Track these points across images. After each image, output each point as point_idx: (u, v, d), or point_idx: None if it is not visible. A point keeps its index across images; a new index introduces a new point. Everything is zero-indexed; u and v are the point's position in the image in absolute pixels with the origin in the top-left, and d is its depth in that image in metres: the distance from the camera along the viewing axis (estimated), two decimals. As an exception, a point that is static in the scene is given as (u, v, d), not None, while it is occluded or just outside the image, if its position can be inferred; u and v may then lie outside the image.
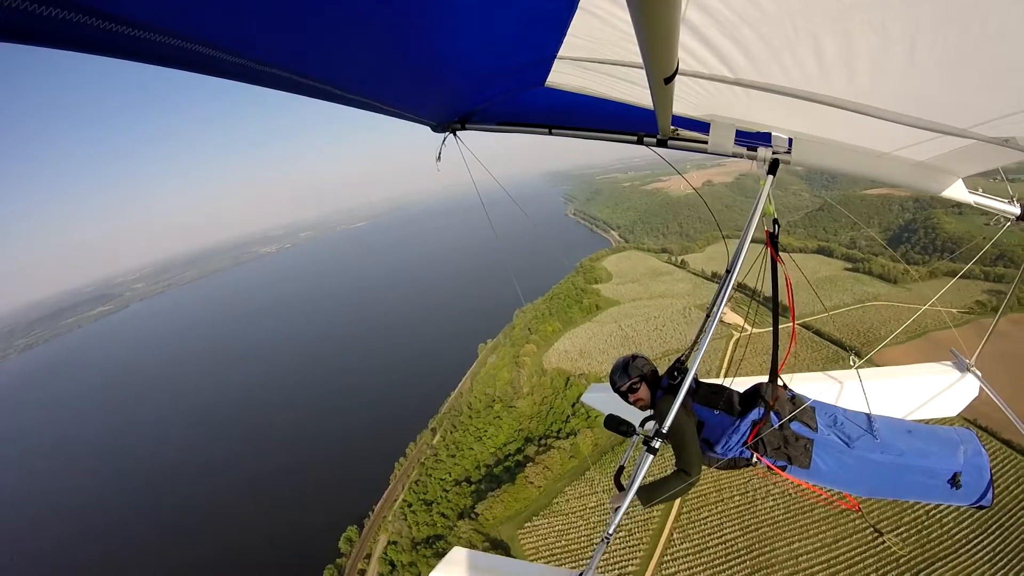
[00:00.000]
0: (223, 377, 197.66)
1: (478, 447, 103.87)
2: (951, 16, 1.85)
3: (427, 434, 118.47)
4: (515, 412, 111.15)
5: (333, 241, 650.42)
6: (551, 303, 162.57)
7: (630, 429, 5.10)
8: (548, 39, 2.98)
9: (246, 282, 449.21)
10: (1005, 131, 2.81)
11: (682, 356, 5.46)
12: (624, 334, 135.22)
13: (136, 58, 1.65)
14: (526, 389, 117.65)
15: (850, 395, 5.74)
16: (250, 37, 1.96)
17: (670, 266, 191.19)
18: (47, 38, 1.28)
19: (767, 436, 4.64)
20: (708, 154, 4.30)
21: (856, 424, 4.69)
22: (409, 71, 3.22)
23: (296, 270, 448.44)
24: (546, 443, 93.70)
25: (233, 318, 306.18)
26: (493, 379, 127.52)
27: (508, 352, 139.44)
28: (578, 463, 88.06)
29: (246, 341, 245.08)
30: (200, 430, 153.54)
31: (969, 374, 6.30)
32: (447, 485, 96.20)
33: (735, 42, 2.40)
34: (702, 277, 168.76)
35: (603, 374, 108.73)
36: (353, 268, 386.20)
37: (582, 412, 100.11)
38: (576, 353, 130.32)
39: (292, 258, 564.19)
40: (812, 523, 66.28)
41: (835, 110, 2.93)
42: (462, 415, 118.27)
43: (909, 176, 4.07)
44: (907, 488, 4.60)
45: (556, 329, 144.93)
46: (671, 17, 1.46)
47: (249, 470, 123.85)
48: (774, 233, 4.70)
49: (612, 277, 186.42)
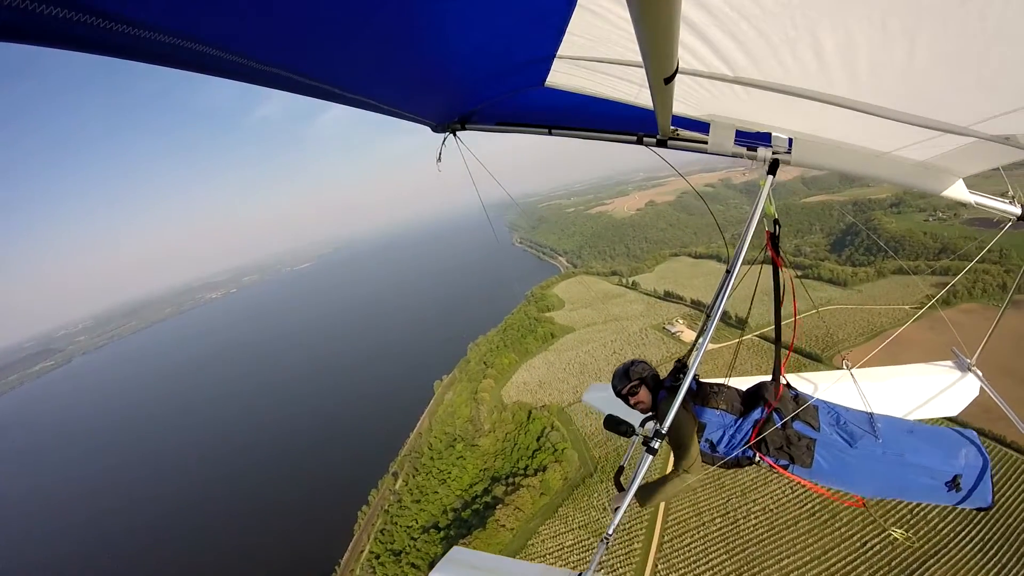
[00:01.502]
0: (170, 431, 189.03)
1: (443, 490, 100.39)
2: (951, 12, 1.85)
3: (389, 479, 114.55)
4: (478, 451, 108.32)
5: (278, 284, 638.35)
6: (505, 334, 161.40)
7: (630, 429, 5.03)
8: (547, 38, 2.97)
9: (191, 330, 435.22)
10: (1005, 129, 2.83)
11: (682, 358, 5.47)
12: (582, 361, 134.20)
13: (136, 58, 1.66)
14: (487, 426, 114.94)
15: (850, 396, 5.46)
16: (250, 37, 1.97)
17: (622, 288, 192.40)
18: (47, 38, 1.28)
19: (769, 435, 4.64)
20: (708, 154, 4.22)
21: (858, 424, 4.66)
22: (409, 71, 3.24)
23: (241, 316, 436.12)
24: (514, 482, 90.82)
25: (178, 369, 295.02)
26: (452, 417, 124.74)
27: (465, 388, 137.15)
28: (549, 500, 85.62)
29: (192, 392, 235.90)
30: (148, 488, 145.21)
31: (970, 374, 6.30)
32: (414, 533, 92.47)
33: (734, 39, 2.40)
34: (655, 297, 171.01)
35: (564, 404, 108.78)
36: (299, 311, 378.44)
37: (548, 446, 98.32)
38: (535, 384, 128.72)
39: (237, 303, 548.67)
40: (798, 537, 65.26)
41: (835, 109, 2.93)
42: (423, 457, 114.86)
43: (909, 176, 4.04)
44: (908, 488, 4.56)
45: (512, 361, 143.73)
46: (671, 16, 1.46)
47: (203, 531, 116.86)
48: (775, 234, 4.79)
49: (564, 304, 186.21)
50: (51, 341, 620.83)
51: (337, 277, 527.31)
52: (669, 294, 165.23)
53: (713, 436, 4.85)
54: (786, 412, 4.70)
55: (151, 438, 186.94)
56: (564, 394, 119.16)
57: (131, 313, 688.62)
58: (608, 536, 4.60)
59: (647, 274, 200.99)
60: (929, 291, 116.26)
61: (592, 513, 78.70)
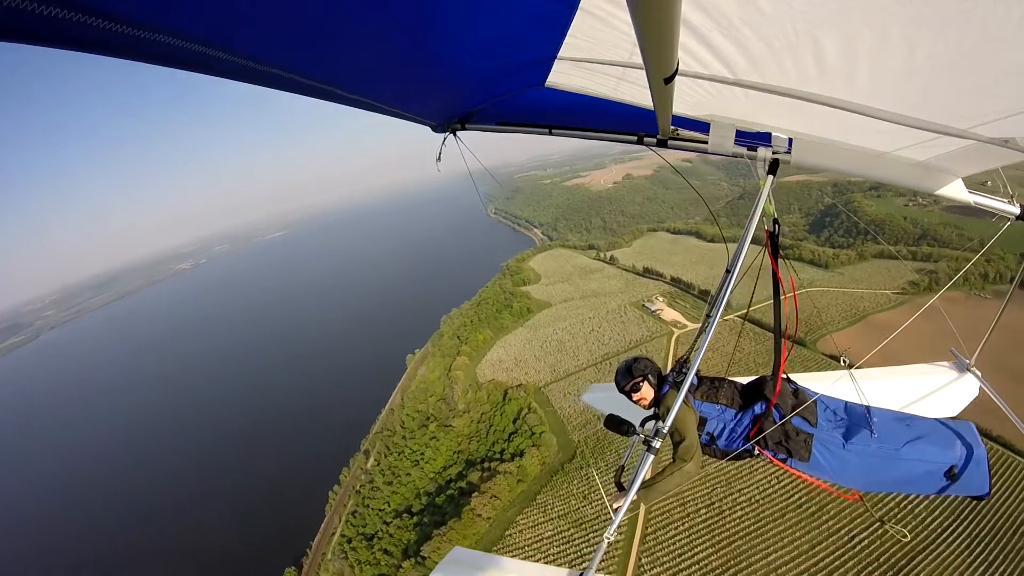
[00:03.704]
0: (138, 407, 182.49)
1: (416, 473, 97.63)
2: (950, 17, 1.88)
3: (360, 458, 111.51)
4: (452, 432, 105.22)
5: (249, 254, 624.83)
6: (479, 308, 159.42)
7: (630, 429, 5.04)
8: (549, 40, 3.01)
9: (161, 303, 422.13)
10: (1005, 132, 2.88)
11: (683, 357, 5.47)
12: (560, 339, 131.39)
13: (136, 58, 1.67)
14: (461, 406, 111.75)
15: (850, 395, 5.39)
16: (250, 37, 2.00)
17: (599, 263, 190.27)
18: (47, 38, 1.29)
19: (769, 430, 4.74)
20: (708, 154, 4.29)
21: (855, 419, 4.78)
22: (410, 71, 3.28)
23: (212, 287, 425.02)
24: (490, 467, 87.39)
25: (146, 343, 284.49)
26: (425, 394, 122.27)
27: (438, 363, 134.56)
28: (527, 487, 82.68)
29: (161, 366, 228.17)
30: (114, 467, 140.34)
31: (968, 374, 6.40)
32: (387, 517, 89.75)
33: (735, 43, 2.44)
34: (633, 273, 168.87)
35: (542, 384, 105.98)
36: (271, 281, 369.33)
37: (525, 429, 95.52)
38: (511, 362, 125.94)
39: (208, 274, 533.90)
40: (785, 530, 62.99)
41: (835, 111, 2.97)
42: (395, 435, 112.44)
43: (909, 176, 4.10)
44: (905, 480, 4.66)
45: (487, 337, 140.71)
46: (671, 18, 1.49)
47: (171, 508, 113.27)
48: (775, 233, 4.82)
49: (540, 278, 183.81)
50: (18, 316, 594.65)
51: (309, 247, 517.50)
52: (648, 270, 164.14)
53: (714, 430, 4.96)
54: (785, 407, 4.76)
55: (119, 414, 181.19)
56: (541, 373, 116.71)
57: (101, 286, 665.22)
58: (609, 536, 4.61)
59: (625, 249, 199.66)
60: (912, 276, 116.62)
61: (572, 501, 76.13)
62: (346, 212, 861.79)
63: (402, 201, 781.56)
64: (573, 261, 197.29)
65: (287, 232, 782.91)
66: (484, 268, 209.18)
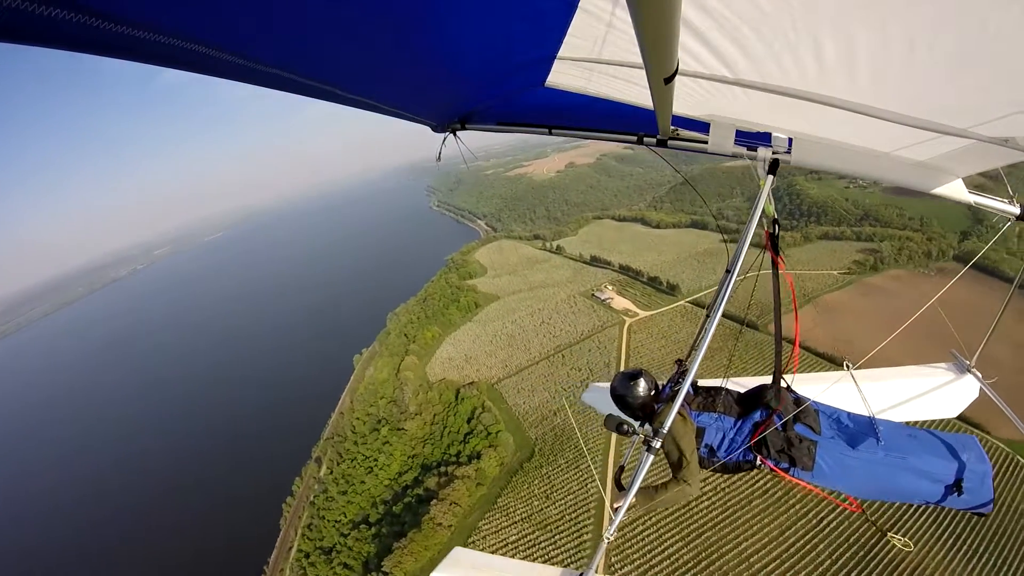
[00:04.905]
0: (77, 423, 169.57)
1: (371, 480, 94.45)
2: (950, 16, 1.90)
3: (312, 466, 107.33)
4: (405, 436, 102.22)
5: (189, 257, 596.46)
6: (426, 304, 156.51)
7: (630, 429, 4.95)
8: (548, 39, 3.03)
9: (100, 312, 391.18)
10: (1005, 131, 2.86)
11: (683, 358, 5.58)
12: (510, 332, 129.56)
13: (136, 58, 1.69)
14: (413, 407, 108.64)
15: (850, 396, 5.44)
16: (251, 37, 2.01)
17: (546, 253, 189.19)
18: (47, 38, 1.30)
19: (770, 438, 4.65)
20: (708, 154, 4.29)
21: (860, 427, 4.72)
22: (409, 72, 3.30)
23: (151, 293, 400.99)
24: (447, 471, 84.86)
25: (85, 356, 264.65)
26: (375, 396, 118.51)
27: (387, 363, 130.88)
28: (487, 490, 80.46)
29: (100, 379, 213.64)
30: (50, 491, 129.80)
31: (969, 375, 6.35)
32: (344, 528, 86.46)
33: (735, 42, 2.45)
34: (581, 262, 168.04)
35: (494, 381, 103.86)
36: (210, 285, 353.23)
37: (480, 429, 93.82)
38: (461, 359, 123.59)
39: (148, 280, 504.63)
40: (753, 517, 62.49)
41: (835, 110, 2.97)
42: (347, 441, 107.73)
43: (909, 176, 4.08)
44: (909, 491, 4.60)
45: (436, 334, 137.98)
46: (671, 17, 1.50)
47: (118, 534, 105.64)
48: (774, 234, 4.79)
49: (487, 270, 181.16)
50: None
51: (249, 247, 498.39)
52: (596, 259, 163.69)
53: (713, 441, 4.85)
54: (787, 415, 4.66)
55: (59, 431, 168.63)
56: (493, 369, 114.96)
57: (38, 297, 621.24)
58: (609, 536, 4.64)
59: (571, 238, 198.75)
60: (856, 257, 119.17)
61: (534, 503, 74.33)
62: (284, 210, 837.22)
63: (340, 197, 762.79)
64: (519, 252, 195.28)
65: (225, 233, 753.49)
66: (429, 262, 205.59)
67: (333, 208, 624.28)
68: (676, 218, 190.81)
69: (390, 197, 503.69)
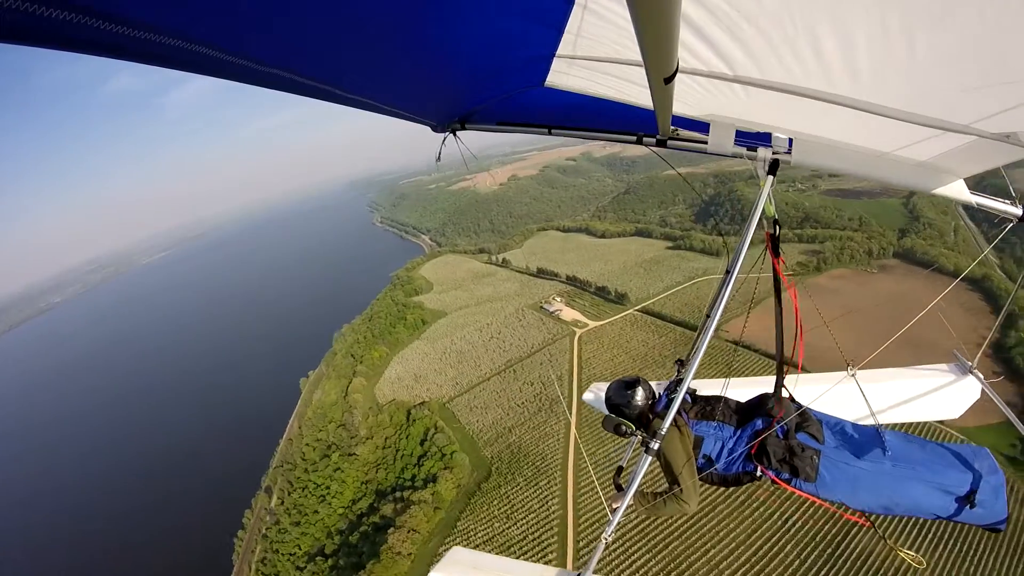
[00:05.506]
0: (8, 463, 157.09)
1: (324, 509, 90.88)
2: (948, 6, 1.90)
3: (262, 496, 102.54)
4: (357, 461, 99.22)
5: (128, 280, 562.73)
6: (372, 323, 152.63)
7: (628, 430, 4.85)
8: (546, 36, 3.02)
9: (33, 344, 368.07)
10: (1006, 126, 2.85)
11: (683, 358, 5.62)
12: (459, 349, 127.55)
13: (136, 58, 1.68)
14: (363, 431, 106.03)
15: (851, 398, 5.42)
16: (250, 38, 2.02)
17: (491, 266, 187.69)
18: (47, 38, 1.30)
19: (771, 447, 4.52)
20: (708, 154, 4.26)
21: (866, 437, 4.58)
22: (409, 71, 3.31)
23: (90, 320, 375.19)
24: (403, 497, 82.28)
25: (14, 391, 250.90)
26: (324, 420, 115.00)
27: (334, 385, 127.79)
28: (445, 514, 78.11)
29: (31, 416, 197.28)
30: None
31: (970, 376, 6.34)
32: (299, 561, 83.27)
33: (733, 37, 2.44)
34: (527, 274, 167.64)
35: (445, 399, 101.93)
36: (150, 309, 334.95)
37: (434, 451, 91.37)
38: (411, 379, 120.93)
39: (86, 305, 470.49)
40: (719, 523, 62.14)
41: (835, 108, 2.95)
42: (297, 469, 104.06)
43: (910, 176, 4.07)
44: (919, 505, 4.43)
45: (383, 354, 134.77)
46: (671, 16, 1.48)
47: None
48: (775, 234, 4.71)
49: (433, 286, 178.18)
50: None
51: (189, 268, 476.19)
52: (542, 271, 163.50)
53: (711, 451, 4.72)
54: (789, 424, 4.53)
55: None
56: (444, 387, 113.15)
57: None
58: (607, 536, 4.60)
59: (516, 250, 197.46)
60: (799, 258, 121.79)
61: (494, 524, 72.60)
62: (225, 229, 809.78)
63: (281, 214, 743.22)
64: (465, 266, 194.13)
65: (164, 255, 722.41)
66: (374, 280, 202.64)
67: (274, 225, 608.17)
68: (621, 227, 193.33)
69: (332, 213, 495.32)
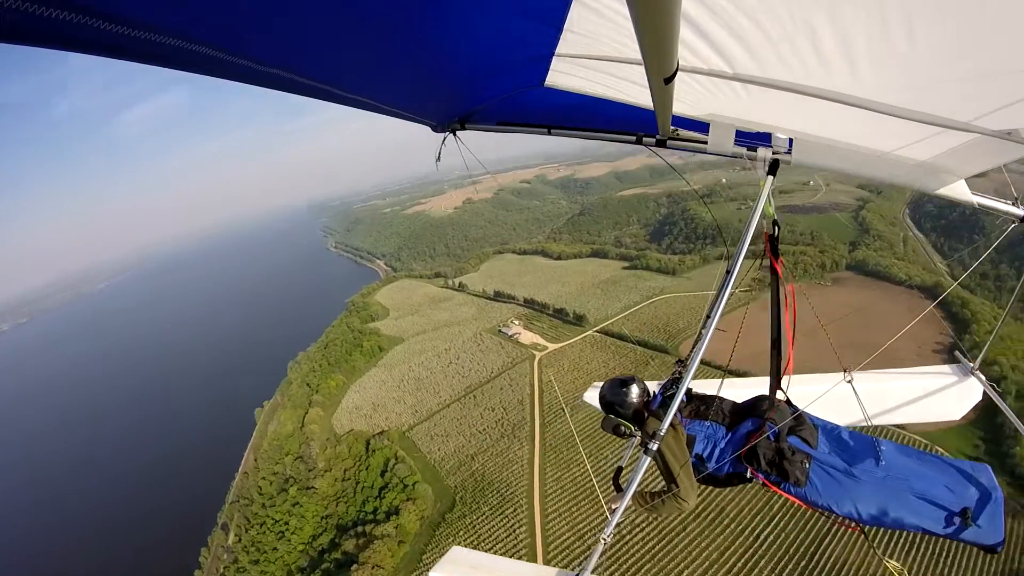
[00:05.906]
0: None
1: (283, 546, 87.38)
2: (947, 1, 1.89)
3: (219, 534, 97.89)
4: (316, 495, 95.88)
5: (73, 309, 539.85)
6: (327, 351, 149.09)
7: (627, 431, 4.85)
8: (545, 35, 3.01)
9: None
10: (1007, 123, 2.84)
11: (682, 359, 5.51)
12: (417, 376, 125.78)
13: (136, 58, 1.69)
14: (321, 463, 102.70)
15: (851, 400, 5.47)
16: (250, 38, 2.03)
17: (448, 291, 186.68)
18: (47, 38, 1.30)
19: (762, 448, 4.48)
20: (708, 154, 4.29)
21: (861, 445, 4.51)
22: (408, 71, 3.32)
23: (31, 352, 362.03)
24: (365, 531, 79.84)
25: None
26: (280, 453, 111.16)
27: (290, 416, 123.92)
28: (410, 547, 76.09)
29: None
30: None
31: (971, 378, 6.36)
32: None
33: (732, 34, 2.43)
34: (485, 298, 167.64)
35: (405, 427, 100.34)
36: (96, 339, 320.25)
37: (396, 482, 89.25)
38: (369, 408, 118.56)
39: (26, 337, 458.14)
40: (691, 542, 61.71)
41: (835, 107, 2.95)
42: (254, 504, 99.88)
43: (910, 176, 4.07)
44: (910, 517, 4.27)
45: (340, 383, 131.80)
46: (671, 15, 1.47)
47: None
48: (774, 235, 4.75)
49: (389, 312, 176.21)
50: None
51: (138, 296, 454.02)
52: (500, 294, 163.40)
53: (703, 450, 4.71)
54: (780, 425, 4.48)
55: None
56: (403, 416, 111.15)
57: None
58: (606, 536, 4.59)
59: (472, 274, 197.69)
60: (755, 274, 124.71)
61: (462, 554, 70.45)
62: (177, 254, 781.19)
63: (234, 238, 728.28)
64: (421, 291, 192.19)
65: (111, 282, 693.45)
66: (329, 306, 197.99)
67: (226, 251, 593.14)
68: (576, 248, 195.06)
69: (285, 238, 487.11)
